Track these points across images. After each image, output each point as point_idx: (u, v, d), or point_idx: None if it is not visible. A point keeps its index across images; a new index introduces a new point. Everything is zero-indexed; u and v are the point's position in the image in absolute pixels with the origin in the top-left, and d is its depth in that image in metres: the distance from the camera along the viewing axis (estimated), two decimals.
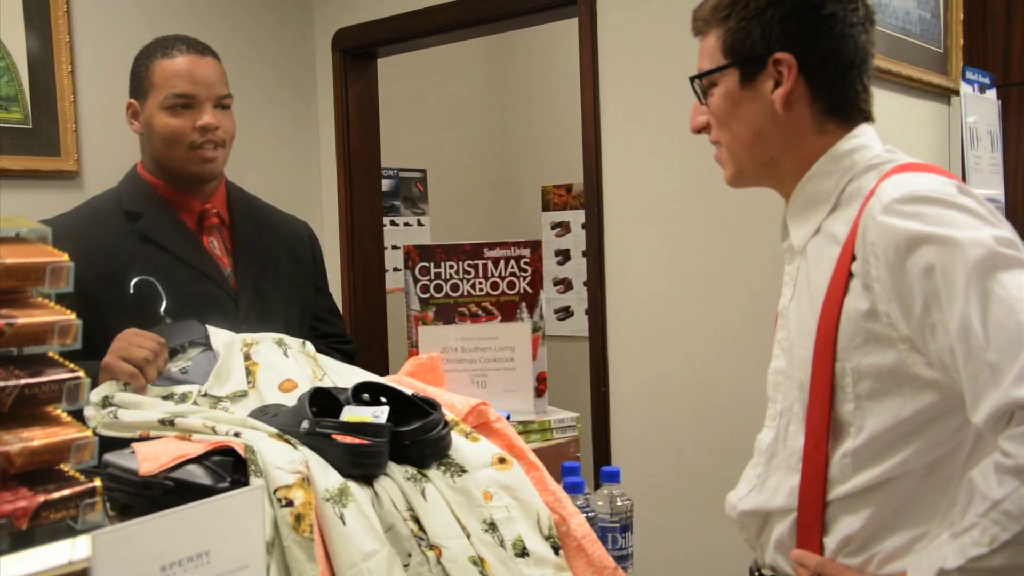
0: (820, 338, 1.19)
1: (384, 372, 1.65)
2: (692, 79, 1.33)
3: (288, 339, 1.56)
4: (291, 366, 1.51)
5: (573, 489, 1.47)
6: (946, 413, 1.13)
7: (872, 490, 1.17)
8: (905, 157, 1.25)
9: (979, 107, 2.88)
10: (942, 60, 2.84)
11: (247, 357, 1.51)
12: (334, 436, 1.24)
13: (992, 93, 2.99)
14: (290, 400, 1.39)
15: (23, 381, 0.97)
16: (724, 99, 1.29)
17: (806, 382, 1.22)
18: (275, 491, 1.12)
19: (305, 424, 1.27)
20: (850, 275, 1.16)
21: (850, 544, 1.19)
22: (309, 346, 1.58)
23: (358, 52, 3.46)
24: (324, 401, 1.35)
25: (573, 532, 1.34)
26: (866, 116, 1.29)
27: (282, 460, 1.17)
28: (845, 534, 1.19)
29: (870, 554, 1.18)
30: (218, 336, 1.53)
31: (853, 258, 1.16)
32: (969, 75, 2.85)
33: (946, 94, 2.84)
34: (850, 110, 1.27)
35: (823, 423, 1.19)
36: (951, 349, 1.06)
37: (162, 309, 1.60)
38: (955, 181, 1.16)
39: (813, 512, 1.21)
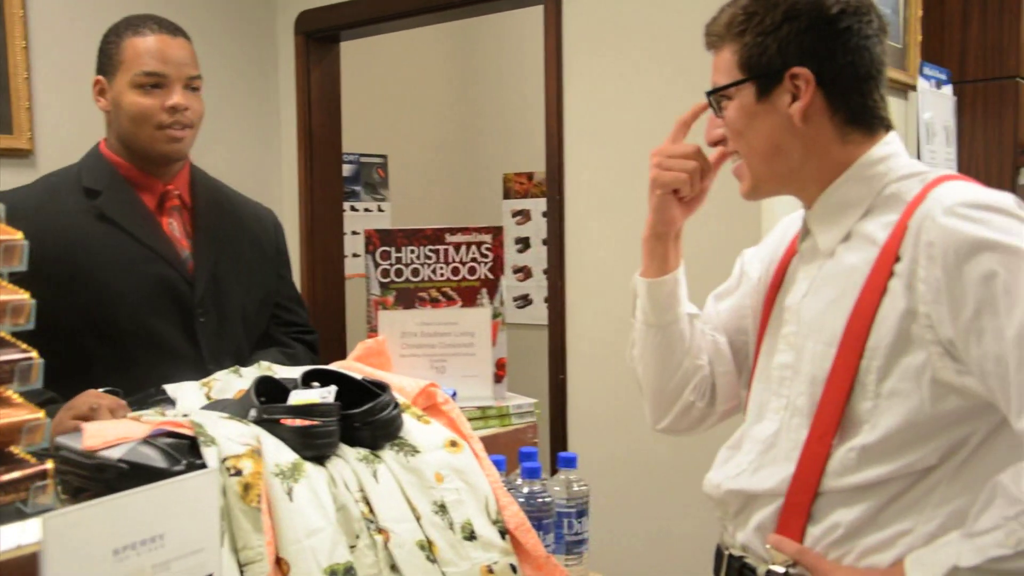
0: (849, 334, 1.19)
1: (342, 358, 1.64)
2: (708, 94, 1.32)
3: (244, 369, 1.54)
4: (245, 383, 1.48)
5: (531, 474, 1.47)
6: (962, 420, 1.14)
7: (873, 486, 1.18)
8: (942, 168, 1.26)
9: (936, 103, 2.93)
10: (901, 55, 2.88)
11: (206, 386, 1.49)
12: (283, 420, 1.23)
13: (948, 89, 3.04)
14: None
15: None
16: (740, 113, 1.28)
17: (820, 376, 1.22)
18: (224, 460, 1.11)
19: (253, 412, 1.24)
20: (891, 275, 1.17)
21: (835, 533, 1.19)
22: (265, 364, 1.56)
23: (321, 35, 3.43)
24: (271, 390, 1.33)
25: (507, 522, 1.34)
26: (887, 124, 1.30)
27: (233, 433, 1.17)
28: (833, 523, 1.19)
29: (851, 545, 1.19)
30: (179, 389, 1.49)
31: (896, 259, 1.17)
32: (927, 71, 2.89)
33: (904, 89, 2.88)
34: (871, 119, 1.28)
35: (834, 416, 1.20)
36: (998, 355, 1.07)
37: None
38: (1012, 195, 1.18)
39: (802, 500, 1.21)
